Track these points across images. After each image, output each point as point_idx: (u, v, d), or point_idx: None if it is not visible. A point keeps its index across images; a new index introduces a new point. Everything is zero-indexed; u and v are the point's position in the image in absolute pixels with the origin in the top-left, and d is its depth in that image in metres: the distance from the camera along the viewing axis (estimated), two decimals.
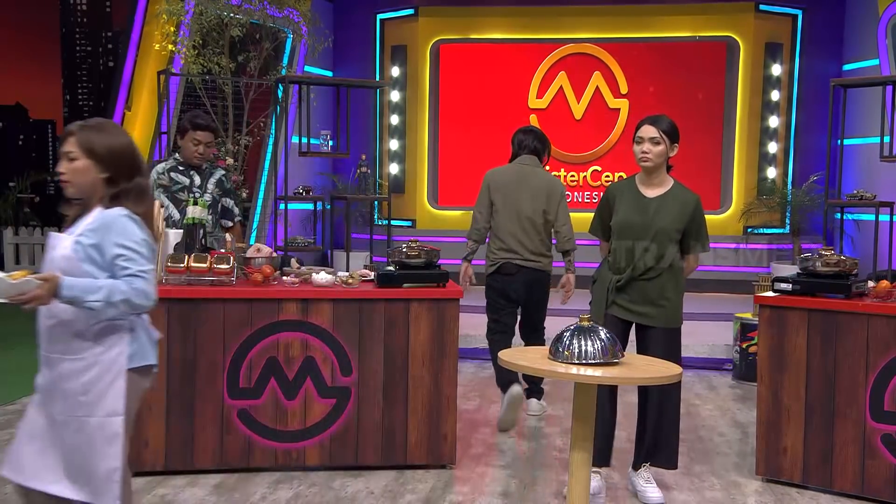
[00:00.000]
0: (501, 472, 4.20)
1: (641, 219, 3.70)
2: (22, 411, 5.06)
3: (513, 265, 4.86)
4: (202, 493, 3.78)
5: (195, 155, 4.66)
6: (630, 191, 3.80)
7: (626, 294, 3.75)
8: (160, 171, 4.68)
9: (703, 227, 3.81)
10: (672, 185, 3.78)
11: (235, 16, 8.04)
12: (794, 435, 4.00)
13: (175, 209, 4.66)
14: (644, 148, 3.67)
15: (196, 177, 4.71)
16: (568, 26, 10.34)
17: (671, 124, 3.70)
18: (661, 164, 3.71)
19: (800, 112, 10.06)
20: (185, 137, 4.66)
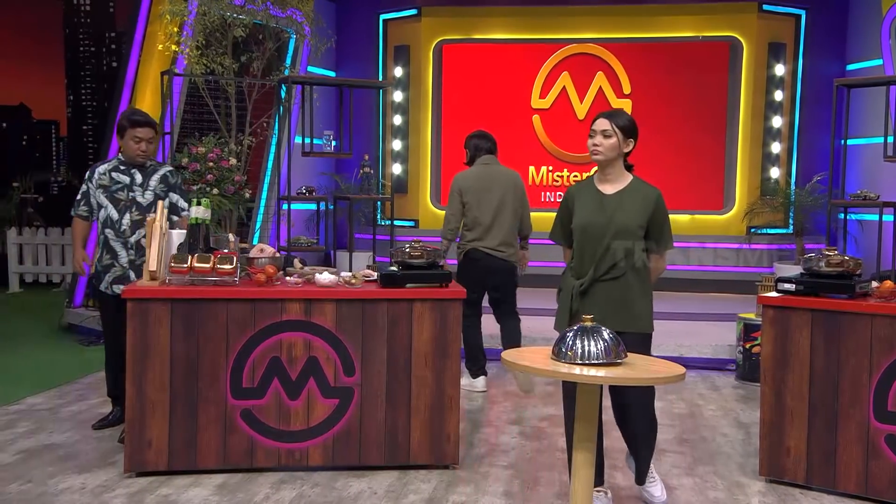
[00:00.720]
0: (504, 473, 4.20)
1: (600, 217, 3.53)
2: (26, 411, 5.10)
3: (479, 252, 5.60)
4: (205, 493, 3.78)
5: (138, 153, 4.57)
6: (588, 190, 3.64)
7: (590, 298, 3.55)
8: (101, 171, 4.63)
9: (667, 224, 3.63)
10: (631, 181, 3.61)
11: (238, 16, 8.04)
12: (798, 435, 3.99)
13: (114, 209, 4.59)
14: (595, 141, 3.54)
15: (137, 175, 4.64)
16: (571, 26, 10.34)
17: (627, 120, 3.57)
18: (613, 159, 3.55)
19: (803, 112, 10.04)
20: (125, 136, 4.57)
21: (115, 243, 4.58)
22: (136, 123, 4.56)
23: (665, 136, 10.06)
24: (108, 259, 4.60)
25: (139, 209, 4.60)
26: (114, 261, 4.58)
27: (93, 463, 4.18)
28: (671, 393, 5.85)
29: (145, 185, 4.64)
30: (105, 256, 4.60)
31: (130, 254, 4.60)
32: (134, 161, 4.61)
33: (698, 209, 9.83)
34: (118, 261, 4.59)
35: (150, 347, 3.93)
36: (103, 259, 4.61)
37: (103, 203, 4.58)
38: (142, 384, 3.93)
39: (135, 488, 3.83)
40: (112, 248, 4.59)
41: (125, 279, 4.55)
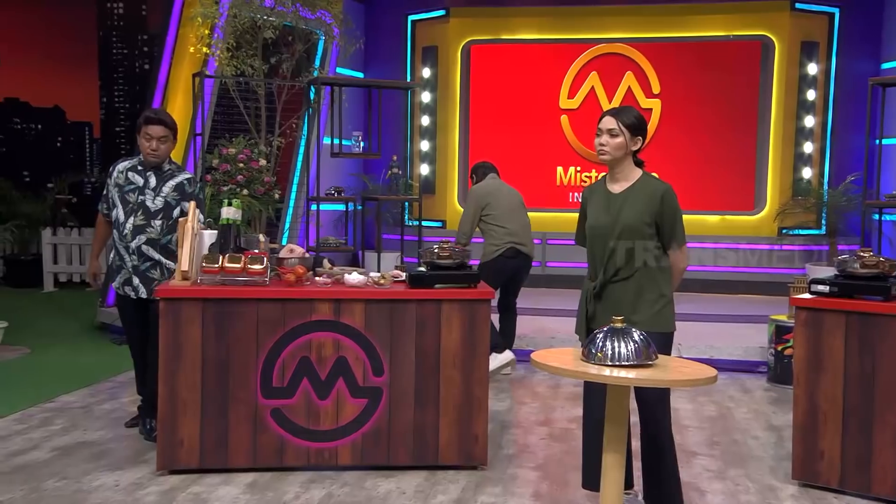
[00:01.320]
0: (533, 474, 4.19)
1: (607, 217, 3.46)
2: (60, 409, 5.18)
3: (515, 250, 6.13)
4: (236, 492, 3.82)
5: (148, 151, 4.40)
6: (600, 190, 3.57)
7: (604, 300, 3.47)
8: (120, 169, 4.50)
9: (677, 219, 3.46)
10: (639, 177, 3.49)
11: (268, 18, 8.10)
12: (832, 439, 3.94)
13: (122, 210, 4.44)
14: (601, 140, 3.44)
15: (152, 178, 4.46)
16: (600, 26, 10.28)
17: (635, 116, 3.46)
18: (620, 158, 3.45)
19: (836, 111, 9.89)
20: (139, 135, 4.40)
21: (120, 246, 4.48)
22: (148, 120, 4.37)
23: (695, 136, 9.98)
24: (118, 261, 4.51)
25: (145, 214, 4.41)
26: (122, 263, 4.48)
27: (126, 460, 4.24)
28: (702, 395, 5.79)
29: (157, 190, 4.44)
30: (116, 258, 4.53)
31: (132, 259, 4.45)
32: (147, 160, 4.44)
33: (729, 210, 9.72)
34: (125, 263, 4.48)
35: (182, 347, 3.98)
36: (115, 260, 4.53)
37: (115, 203, 4.46)
38: (174, 383, 3.98)
39: (167, 486, 3.88)
40: (118, 250, 4.50)
41: (130, 283, 4.47)
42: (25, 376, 6.18)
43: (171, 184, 4.47)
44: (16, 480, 3.92)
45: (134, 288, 4.46)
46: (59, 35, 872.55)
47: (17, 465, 4.15)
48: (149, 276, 4.45)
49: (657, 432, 3.45)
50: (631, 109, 3.52)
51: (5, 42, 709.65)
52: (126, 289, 4.49)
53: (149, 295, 4.41)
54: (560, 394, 5.85)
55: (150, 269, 4.46)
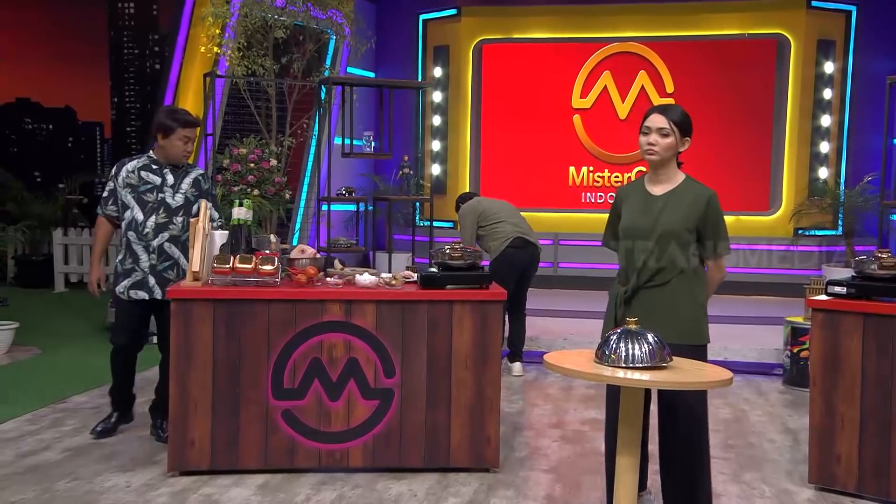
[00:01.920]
0: (545, 477, 4.15)
1: (645, 220, 3.28)
2: (72, 409, 5.18)
3: (522, 239, 6.19)
4: (247, 493, 3.80)
5: (184, 154, 4.37)
6: (637, 191, 3.38)
7: (635, 306, 3.29)
8: (130, 169, 4.37)
9: (721, 227, 3.31)
10: (682, 181, 3.33)
11: (279, 18, 8.09)
12: (849, 442, 3.88)
13: (140, 211, 4.34)
14: (651, 139, 3.24)
15: (169, 175, 4.40)
16: (612, 25, 10.22)
17: (683, 115, 3.29)
18: (668, 159, 3.28)
19: (853, 111, 9.80)
20: (170, 136, 4.31)
21: (137, 246, 4.34)
22: (188, 123, 4.34)
23: (709, 136, 9.89)
24: (129, 263, 4.36)
25: (167, 211, 4.37)
26: (135, 265, 4.34)
27: (137, 461, 4.23)
28: (716, 397, 5.73)
29: (176, 187, 4.40)
30: (126, 260, 4.37)
31: (152, 258, 4.36)
32: (177, 162, 4.40)
33: (744, 210, 9.64)
34: (139, 264, 4.34)
35: (193, 348, 3.96)
36: (125, 262, 4.37)
37: (129, 204, 4.34)
38: (185, 384, 3.96)
39: (178, 487, 3.86)
40: (134, 251, 4.35)
41: (144, 285, 4.36)
42: (36, 377, 6.18)
43: (189, 180, 4.44)
44: (28, 481, 3.92)
45: (149, 289, 4.36)
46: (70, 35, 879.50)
47: (29, 465, 4.15)
48: (165, 277, 4.37)
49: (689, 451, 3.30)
50: (678, 107, 3.35)
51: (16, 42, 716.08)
52: (135, 292, 4.37)
53: (163, 296, 4.29)
54: (573, 396, 5.81)
55: (168, 269, 4.38)
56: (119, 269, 4.41)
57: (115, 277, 4.44)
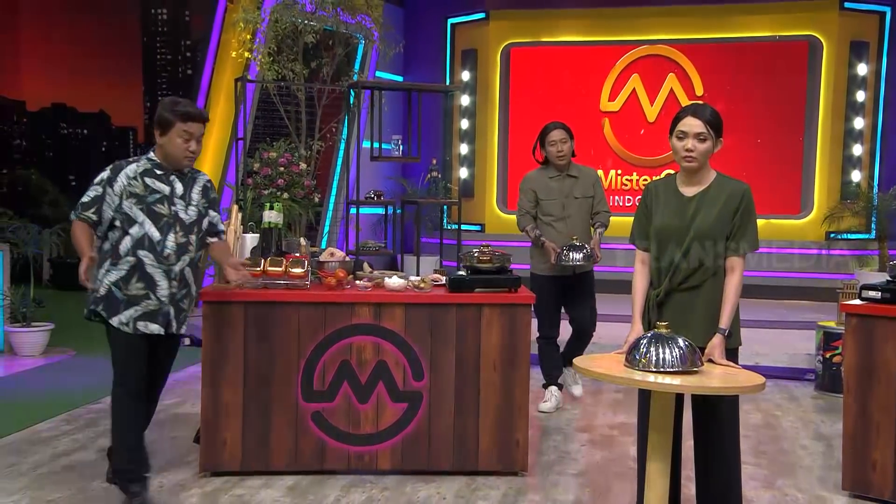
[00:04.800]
0: (574, 481, 4.13)
1: (679, 221, 3.18)
2: (106, 410, 5.23)
3: None
4: (277, 495, 3.83)
5: (187, 154, 3.60)
6: (669, 190, 3.26)
7: (668, 310, 3.21)
8: (131, 175, 3.59)
9: (751, 223, 3.18)
10: (714, 178, 3.22)
11: (309, 23, 8.16)
12: (884, 449, 3.82)
13: (153, 226, 3.56)
14: (688, 145, 3.12)
15: (178, 184, 3.65)
16: (641, 28, 10.17)
17: (715, 114, 3.15)
18: (706, 163, 3.18)
19: (887, 113, 9.66)
20: (169, 132, 3.56)
21: (156, 271, 3.56)
22: (188, 116, 3.56)
23: (739, 138, 9.81)
24: (139, 288, 3.56)
25: (182, 229, 3.63)
26: (149, 291, 3.56)
27: (169, 462, 4.28)
28: (747, 403, 5.67)
29: (187, 198, 3.67)
30: (136, 285, 3.55)
31: (173, 286, 3.61)
32: (178, 165, 3.63)
33: (775, 213, 9.54)
34: (156, 293, 3.57)
35: (225, 350, 4.00)
36: (131, 287, 3.55)
37: (136, 217, 3.55)
38: (217, 385, 4.01)
39: (209, 488, 3.91)
40: (150, 276, 3.56)
41: (159, 316, 3.60)
42: (71, 377, 6.29)
43: (198, 189, 3.72)
44: (64, 480, 3.99)
45: (166, 322, 3.63)
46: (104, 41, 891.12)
47: (65, 465, 4.22)
48: (181, 307, 3.68)
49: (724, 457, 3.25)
50: (708, 106, 3.20)
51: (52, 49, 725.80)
52: (146, 325, 3.59)
53: (179, 329, 3.72)
54: (601, 400, 5.78)
55: (185, 297, 3.70)
56: (116, 293, 3.56)
57: (105, 303, 3.57)
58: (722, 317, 3.15)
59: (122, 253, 3.57)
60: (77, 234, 3.60)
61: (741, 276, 3.19)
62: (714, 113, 3.17)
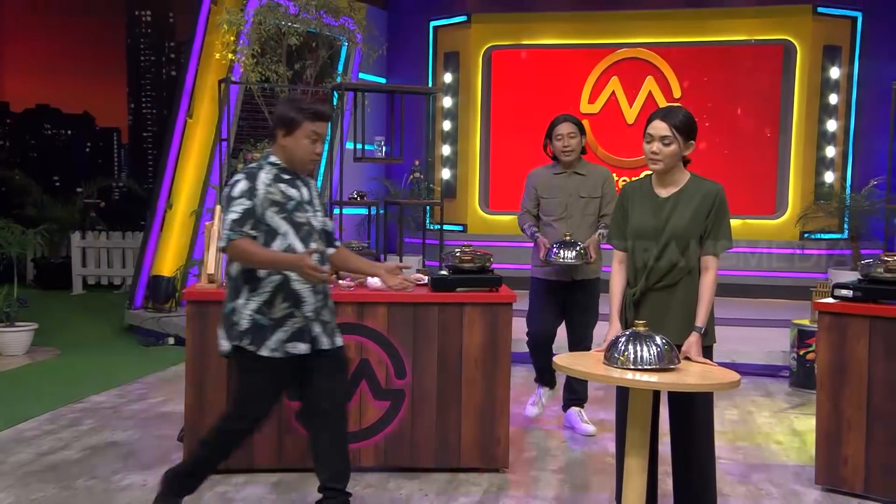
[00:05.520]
0: (555, 477, 4.21)
1: (655, 222, 3.25)
2: (90, 409, 5.27)
3: None
4: (261, 492, 3.88)
5: (313, 157, 3.32)
6: (644, 192, 3.32)
7: (644, 308, 3.26)
8: (266, 181, 3.24)
9: (725, 223, 3.25)
10: (689, 179, 3.29)
11: (293, 25, 8.19)
12: (856, 445, 3.92)
13: (296, 236, 3.25)
14: (654, 148, 3.19)
15: (304, 189, 3.35)
16: (620, 31, 10.29)
17: (686, 118, 3.20)
18: (673, 165, 3.24)
19: (859, 115, 9.83)
20: (295, 132, 3.25)
21: (303, 287, 3.24)
22: (318, 115, 3.26)
23: (716, 140, 9.95)
24: (284, 308, 3.23)
25: (318, 236, 3.36)
26: (293, 310, 3.24)
27: (154, 460, 4.31)
28: (724, 399, 5.78)
29: (314, 204, 3.38)
30: (280, 305, 3.22)
31: (318, 300, 3.30)
32: (304, 168, 3.35)
33: (751, 214, 9.68)
34: (300, 309, 3.25)
35: (209, 348, 4.03)
36: (276, 309, 3.22)
37: (279, 227, 3.22)
38: (201, 384, 4.05)
39: None
40: (296, 293, 3.24)
41: (305, 333, 3.26)
42: (55, 377, 6.29)
43: (316, 193, 3.46)
44: (48, 479, 4.01)
45: (311, 338, 3.29)
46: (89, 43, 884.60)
47: (49, 464, 4.24)
48: (324, 321, 3.36)
49: (700, 453, 3.34)
50: (680, 109, 3.27)
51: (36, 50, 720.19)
52: (294, 346, 3.25)
53: (333, 342, 3.37)
54: None
55: (324, 308, 3.37)
56: (261, 320, 3.22)
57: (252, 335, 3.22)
58: (698, 315, 3.23)
59: (264, 274, 3.21)
60: (250, 249, 3.16)
61: (715, 275, 3.26)
62: (684, 117, 3.22)
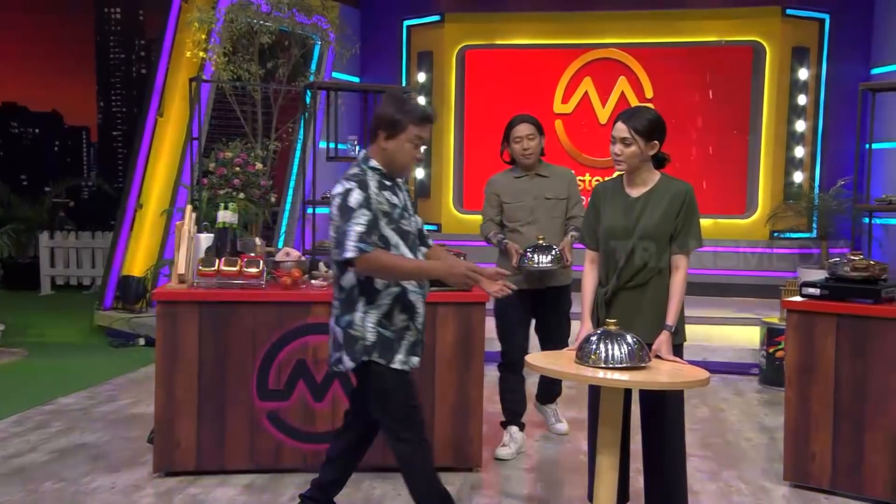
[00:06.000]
0: (527, 475, 4.23)
1: (625, 221, 3.29)
2: (58, 411, 5.20)
3: None
4: (233, 493, 3.85)
5: (415, 162, 3.21)
6: (615, 192, 3.37)
7: (616, 307, 3.29)
8: (375, 190, 3.06)
9: (694, 222, 3.30)
10: (659, 179, 3.33)
11: (265, 23, 8.15)
12: (823, 441, 3.98)
13: (405, 246, 3.12)
14: (615, 150, 3.25)
15: (400, 193, 3.20)
16: (593, 31, 10.35)
17: (649, 121, 3.23)
18: (637, 165, 3.28)
19: (827, 116, 9.97)
20: (399, 135, 3.08)
21: (417, 297, 3.16)
22: (425, 119, 3.11)
23: (687, 140, 10.04)
24: (402, 321, 3.11)
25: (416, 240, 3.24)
26: (409, 322, 3.13)
27: (123, 462, 4.27)
28: (694, 397, 5.83)
29: (408, 208, 3.23)
30: (399, 317, 3.10)
31: (425, 312, 3.22)
32: (404, 173, 3.20)
33: (721, 213, 9.79)
34: (415, 322, 3.15)
35: (179, 349, 4.01)
36: (395, 321, 3.09)
37: (391, 239, 3.08)
38: (171, 386, 4.01)
39: (163, 488, 3.91)
40: (411, 304, 3.13)
41: (418, 347, 3.16)
42: (23, 379, 6.20)
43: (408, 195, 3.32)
44: (14, 482, 3.95)
45: (422, 352, 3.22)
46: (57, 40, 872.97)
47: (15, 467, 4.18)
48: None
49: (670, 450, 3.37)
50: (644, 112, 3.29)
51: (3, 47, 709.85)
52: (410, 360, 3.14)
53: None
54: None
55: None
56: (385, 332, 3.08)
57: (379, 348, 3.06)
58: (668, 314, 3.26)
59: (382, 286, 3.07)
60: (392, 261, 3.02)
61: (686, 274, 3.29)
62: (646, 119, 3.25)
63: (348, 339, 3.07)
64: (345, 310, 3.09)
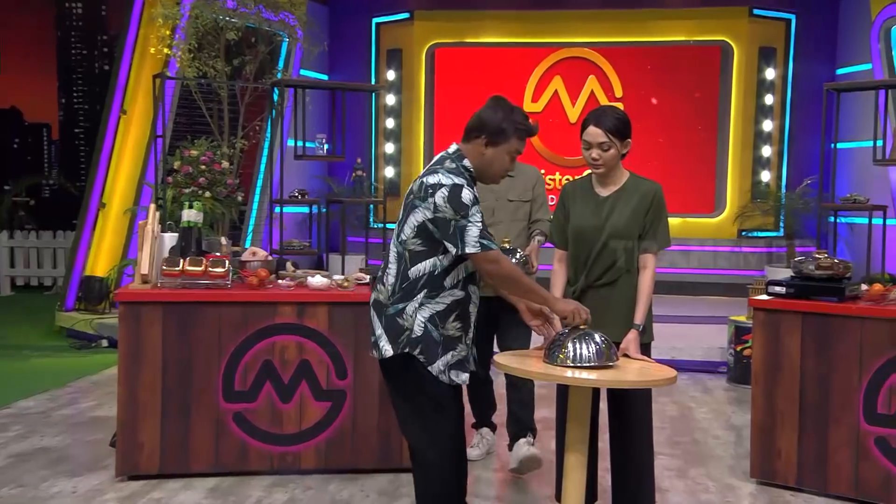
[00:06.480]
0: (496, 476, 4.21)
1: (595, 221, 3.29)
2: (17, 415, 5.08)
3: None
4: (197, 497, 3.78)
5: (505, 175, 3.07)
6: (584, 191, 3.37)
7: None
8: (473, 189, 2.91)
9: (663, 221, 3.31)
10: (628, 178, 3.34)
11: (231, 19, 8.04)
12: (789, 438, 4.01)
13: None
14: (594, 154, 3.23)
15: None
16: (563, 30, 10.38)
17: (618, 120, 3.23)
18: (615, 167, 3.29)
19: (794, 116, 10.11)
20: (501, 145, 2.97)
21: (474, 310, 2.98)
22: (529, 133, 3.05)
23: (656, 139, 10.11)
24: (456, 328, 2.88)
25: None
26: (462, 334, 2.90)
27: (84, 466, 4.17)
28: (663, 395, 5.86)
29: None
30: (453, 324, 2.87)
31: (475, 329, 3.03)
32: (491, 182, 3.06)
33: (689, 212, 9.87)
34: (467, 335, 2.94)
35: (142, 350, 3.93)
36: (448, 326, 2.86)
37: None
38: (134, 387, 3.93)
39: (126, 492, 3.83)
40: (469, 315, 2.94)
41: (466, 364, 2.93)
42: None
43: None
44: None
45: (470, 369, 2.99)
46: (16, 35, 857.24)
47: None
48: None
49: (638, 449, 3.37)
50: (612, 112, 3.28)
51: None
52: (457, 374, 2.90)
53: None
54: None
55: None
56: (433, 332, 2.84)
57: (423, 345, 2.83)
58: (636, 313, 3.26)
59: (449, 284, 2.86)
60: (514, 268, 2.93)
61: (654, 273, 3.30)
62: (616, 120, 3.23)
63: (392, 326, 2.88)
64: (398, 298, 2.87)
